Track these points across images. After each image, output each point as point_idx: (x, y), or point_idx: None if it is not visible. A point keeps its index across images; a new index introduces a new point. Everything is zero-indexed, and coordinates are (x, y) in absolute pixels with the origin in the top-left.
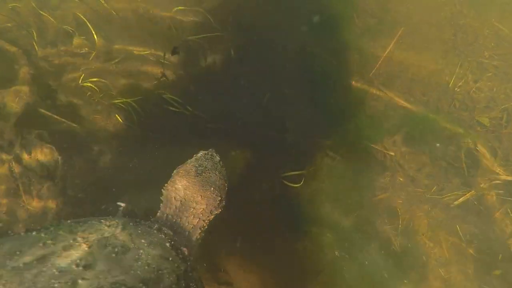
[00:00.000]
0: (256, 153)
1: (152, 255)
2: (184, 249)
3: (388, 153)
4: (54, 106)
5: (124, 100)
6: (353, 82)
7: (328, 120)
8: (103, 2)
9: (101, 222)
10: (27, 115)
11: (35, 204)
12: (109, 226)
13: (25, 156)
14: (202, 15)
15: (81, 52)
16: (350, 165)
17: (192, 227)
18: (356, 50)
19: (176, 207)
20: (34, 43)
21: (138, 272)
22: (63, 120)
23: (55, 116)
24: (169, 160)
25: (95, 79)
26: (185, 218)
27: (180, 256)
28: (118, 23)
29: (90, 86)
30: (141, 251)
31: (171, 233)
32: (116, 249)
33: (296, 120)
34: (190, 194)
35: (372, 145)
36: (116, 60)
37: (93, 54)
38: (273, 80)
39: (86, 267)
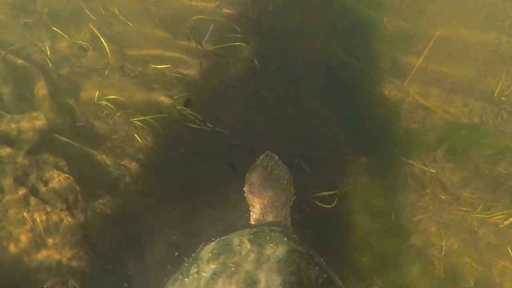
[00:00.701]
0: None
1: (283, 252)
2: (294, 235)
3: (428, 170)
4: (70, 129)
5: (143, 118)
6: (386, 92)
7: (360, 135)
8: (117, 13)
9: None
10: (42, 141)
11: (53, 241)
12: (239, 246)
13: (42, 188)
14: (222, 24)
15: (96, 67)
16: (386, 184)
17: (284, 217)
18: (388, 57)
19: (265, 206)
20: (48, 60)
21: (288, 269)
22: (80, 145)
23: (72, 142)
24: (193, 179)
25: (111, 97)
26: (276, 212)
27: (296, 242)
28: (134, 35)
29: (106, 104)
30: (276, 252)
31: (279, 228)
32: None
33: (325, 135)
34: (271, 191)
35: (410, 161)
36: (132, 75)
37: (108, 70)
38: (299, 92)
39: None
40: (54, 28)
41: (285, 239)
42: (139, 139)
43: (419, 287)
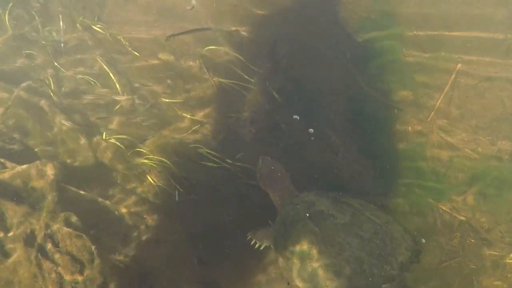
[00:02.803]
0: None
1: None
2: None
3: (457, 217)
4: (79, 176)
5: (155, 158)
6: (410, 128)
7: (384, 174)
8: (127, 45)
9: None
10: (51, 193)
11: None
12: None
13: (51, 248)
14: (235, 57)
15: (103, 103)
16: (413, 227)
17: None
18: (410, 89)
19: (280, 190)
20: (52, 94)
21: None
22: (91, 196)
23: (82, 192)
24: (213, 225)
25: (121, 136)
26: (288, 192)
27: None
28: (144, 67)
29: (116, 144)
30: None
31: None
32: None
33: (346, 173)
34: (278, 179)
35: (439, 204)
36: (143, 111)
37: (118, 106)
38: (318, 126)
39: None
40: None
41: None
42: (151, 180)
43: None
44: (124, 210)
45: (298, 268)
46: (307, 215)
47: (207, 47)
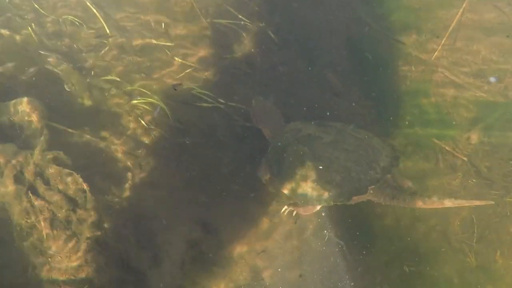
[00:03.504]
0: None
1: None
2: None
3: (460, 157)
4: (67, 115)
5: (147, 100)
6: (413, 68)
7: (387, 115)
8: None
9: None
10: (39, 131)
11: (57, 248)
12: None
13: (42, 186)
14: None
15: (92, 45)
16: (415, 167)
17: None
18: (414, 29)
19: (275, 125)
20: (33, 34)
21: None
22: (82, 136)
23: (70, 130)
24: (208, 167)
25: (111, 77)
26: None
27: None
28: (132, 4)
29: (105, 85)
30: None
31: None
32: None
33: (347, 115)
34: (271, 117)
35: (441, 144)
36: (133, 53)
37: (106, 48)
38: (318, 68)
39: None
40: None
41: None
42: (144, 123)
43: (450, 277)
44: (117, 152)
45: (293, 185)
46: (296, 140)
47: None
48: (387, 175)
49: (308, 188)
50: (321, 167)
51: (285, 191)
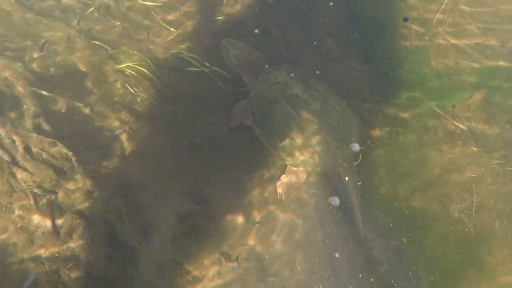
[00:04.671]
0: None
1: None
2: None
3: (459, 126)
4: (48, 79)
5: (131, 64)
6: (413, 32)
7: (385, 81)
8: None
9: None
10: (19, 97)
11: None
12: None
13: (25, 159)
14: None
15: (76, 6)
16: (414, 136)
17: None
18: None
19: (248, 69)
20: None
21: None
22: (64, 100)
23: (51, 95)
24: (197, 136)
25: (95, 42)
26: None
27: None
28: None
29: (90, 49)
30: None
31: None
32: None
33: (345, 82)
34: (244, 53)
35: (441, 111)
36: (119, 15)
37: (91, 9)
38: (313, 31)
39: None
40: None
41: None
42: (131, 89)
43: (449, 246)
44: (103, 120)
45: (282, 145)
46: (284, 98)
47: None
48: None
49: (296, 151)
50: (307, 135)
51: (274, 150)
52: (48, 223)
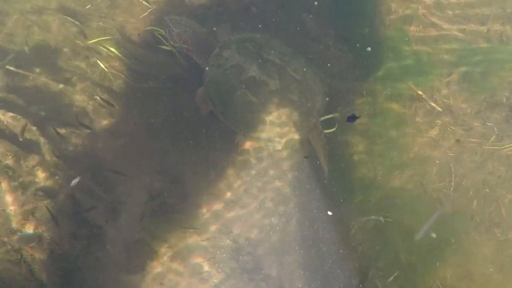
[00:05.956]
0: None
1: None
2: None
3: (436, 108)
4: (17, 55)
5: (101, 39)
6: (393, 8)
7: (364, 58)
8: None
9: None
10: None
11: None
12: None
13: None
14: None
15: None
16: (393, 113)
17: None
18: None
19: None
20: None
21: None
22: (34, 76)
23: (22, 72)
24: (171, 115)
25: (66, 17)
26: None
27: None
28: None
29: (62, 25)
30: None
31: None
32: None
33: (323, 58)
34: (189, 31)
35: (419, 90)
36: None
37: None
38: (294, 10)
39: None
40: None
41: None
42: (103, 66)
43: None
44: (74, 97)
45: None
46: (242, 85)
47: None
48: (320, 118)
49: (263, 134)
50: (271, 120)
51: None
52: (9, 199)
